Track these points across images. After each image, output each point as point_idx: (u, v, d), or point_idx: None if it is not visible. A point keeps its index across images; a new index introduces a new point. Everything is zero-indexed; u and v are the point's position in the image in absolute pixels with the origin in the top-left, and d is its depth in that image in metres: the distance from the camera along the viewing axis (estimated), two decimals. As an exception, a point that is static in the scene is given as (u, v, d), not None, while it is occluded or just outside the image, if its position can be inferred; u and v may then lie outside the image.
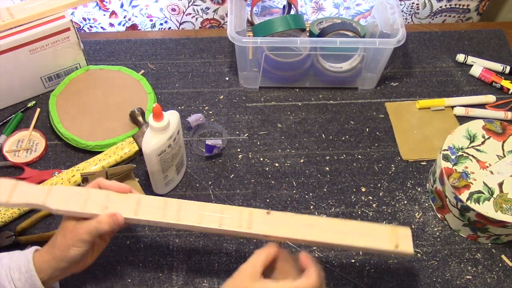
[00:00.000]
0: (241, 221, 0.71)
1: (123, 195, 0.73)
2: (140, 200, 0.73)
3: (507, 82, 1.09)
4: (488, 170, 0.86)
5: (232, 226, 0.70)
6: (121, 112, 1.00)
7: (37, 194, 0.71)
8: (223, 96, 1.07)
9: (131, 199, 0.73)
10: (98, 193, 0.72)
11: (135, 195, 0.73)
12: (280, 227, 0.71)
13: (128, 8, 1.20)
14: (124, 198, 0.73)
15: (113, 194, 0.73)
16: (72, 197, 0.71)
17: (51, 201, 0.70)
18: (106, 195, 0.72)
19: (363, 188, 0.95)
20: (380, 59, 1.03)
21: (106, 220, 0.69)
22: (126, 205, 0.72)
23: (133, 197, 0.73)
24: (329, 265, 0.85)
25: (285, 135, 1.02)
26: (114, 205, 0.72)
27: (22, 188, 0.71)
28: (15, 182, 0.71)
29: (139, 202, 0.73)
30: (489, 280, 0.85)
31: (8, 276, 0.68)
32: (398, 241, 0.72)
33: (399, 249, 0.71)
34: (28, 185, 0.72)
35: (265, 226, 0.70)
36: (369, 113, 1.06)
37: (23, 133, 0.99)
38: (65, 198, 0.71)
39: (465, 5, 1.25)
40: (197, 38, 1.18)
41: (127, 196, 0.73)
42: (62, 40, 1.00)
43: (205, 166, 0.97)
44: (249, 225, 0.70)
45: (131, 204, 0.72)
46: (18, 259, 0.70)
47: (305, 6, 1.22)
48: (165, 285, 0.83)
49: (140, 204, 0.73)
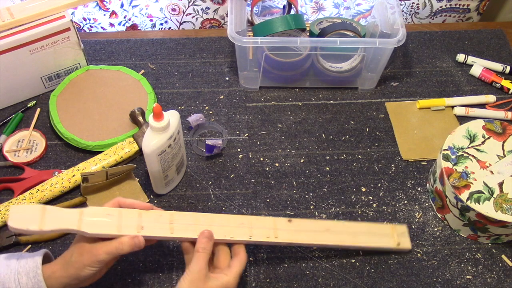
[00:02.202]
0: (268, 231, 0.77)
1: (154, 212, 0.74)
2: (173, 218, 0.75)
3: (507, 82, 1.09)
4: (488, 170, 0.86)
5: (261, 237, 0.77)
6: (121, 112, 1.00)
7: (69, 219, 0.70)
8: (223, 96, 1.07)
9: (164, 217, 0.74)
10: (130, 213, 0.73)
11: (166, 213, 0.75)
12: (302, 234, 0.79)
13: (128, 8, 1.20)
14: (156, 216, 0.74)
15: (145, 212, 0.74)
16: (104, 218, 0.71)
17: (86, 225, 0.70)
18: (138, 214, 0.73)
19: (363, 188, 0.95)
20: (380, 59, 1.03)
21: (128, 242, 0.69)
22: (160, 223, 0.73)
23: (165, 214, 0.75)
24: (329, 265, 0.85)
25: (285, 135, 1.02)
26: (149, 224, 0.73)
27: (52, 213, 0.70)
28: (43, 207, 0.70)
29: (172, 221, 0.74)
30: (489, 280, 0.85)
31: (16, 280, 0.68)
32: (398, 239, 0.83)
33: (400, 247, 0.82)
34: (56, 209, 0.71)
35: (289, 234, 0.78)
36: (369, 113, 1.06)
37: (23, 133, 0.99)
38: (98, 220, 0.71)
39: (465, 5, 1.25)
40: (197, 38, 1.18)
41: (159, 213, 0.75)
42: (62, 40, 1.00)
43: (205, 166, 0.97)
44: (276, 234, 0.78)
45: (164, 222, 0.74)
46: (27, 263, 0.70)
47: (305, 6, 1.22)
48: (165, 285, 0.83)
49: (174, 222, 0.74)
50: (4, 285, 0.68)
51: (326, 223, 0.82)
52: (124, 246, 0.69)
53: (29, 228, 0.67)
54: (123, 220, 0.72)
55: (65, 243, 0.86)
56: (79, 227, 0.69)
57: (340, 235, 0.81)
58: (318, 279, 0.84)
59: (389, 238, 0.84)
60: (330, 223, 0.82)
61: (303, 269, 0.85)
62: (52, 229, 0.68)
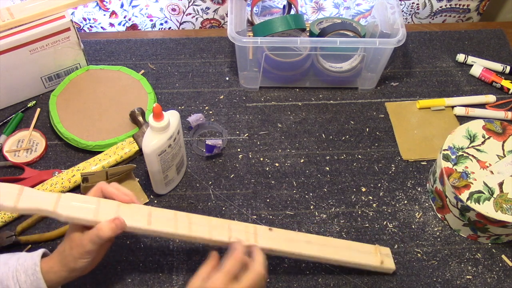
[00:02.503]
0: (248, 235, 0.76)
1: (133, 205, 0.73)
2: (151, 212, 0.74)
3: (507, 82, 1.09)
4: (488, 170, 0.86)
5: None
6: (121, 112, 1.00)
7: (45, 200, 0.69)
8: (223, 96, 1.07)
9: (142, 210, 0.74)
10: (109, 203, 0.72)
11: (145, 207, 0.74)
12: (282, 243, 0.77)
13: (128, 8, 1.20)
14: (135, 208, 0.73)
15: (124, 204, 0.73)
16: (81, 204, 0.70)
17: (61, 208, 0.69)
18: (117, 205, 0.72)
19: (363, 188, 0.95)
20: (380, 59, 1.03)
21: (108, 226, 0.68)
22: (138, 216, 0.72)
23: (144, 208, 0.74)
24: (329, 265, 0.85)
25: (285, 135, 1.02)
26: (126, 214, 0.71)
27: (29, 193, 0.69)
28: (21, 187, 0.69)
29: (150, 214, 0.73)
30: (489, 280, 0.85)
31: (14, 278, 0.68)
32: (382, 257, 0.83)
33: (384, 265, 0.82)
34: (34, 191, 0.70)
35: (269, 241, 0.76)
36: (369, 113, 1.06)
37: (23, 133, 0.99)
38: (75, 205, 0.70)
39: (465, 5, 1.25)
40: (197, 38, 1.18)
41: (138, 207, 0.74)
42: (62, 40, 1.00)
43: (205, 166, 0.97)
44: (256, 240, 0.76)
45: (143, 215, 0.73)
46: (25, 261, 0.70)
47: (305, 6, 1.22)
48: (165, 285, 0.83)
49: (152, 216, 0.73)
50: (3, 283, 0.68)
51: (307, 236, 0.81)
52: (104, 230, 0.68)
53: (3, 203, 0.66)
54: (101, 207, 0.71)
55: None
56: (55, 208, 0.68)
57: (321, 247, 0.79)
58: (318, 279, 0.84)
59: (373, 256, 0.82)
60: (312, 236, 0.81)
61: (303, 269, 0.85)
62: (26, 207, 0.67)
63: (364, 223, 0.90)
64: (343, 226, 0.90)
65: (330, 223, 0.90)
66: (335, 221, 0.91)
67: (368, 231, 0.89)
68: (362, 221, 0.91)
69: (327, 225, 0.90)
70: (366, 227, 0.90)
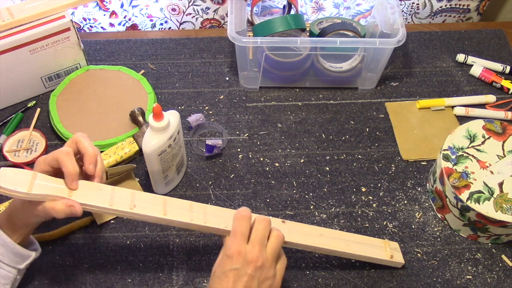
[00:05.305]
0: None
1: (148, 194, 0.74)
2: (166, 202, 0.74)
3: (507, 82, 1.09)
4: (488, 170, 0.86)
5: None
6: (121, 112, 1.00)
7: (59, 188, 0.69)
8: (223, 96, 1.07)
9: (158, 199, 0.74)
10: (123, 191, 0.73)
11: (160, 196, 0.74)
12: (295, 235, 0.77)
13: (128, 8, 1.20)
14: (150, 197, 0.74)
15: (139, 193, 0.73)
16: (96, 193, 0.71)
17: (76, 195, 0.69)
18: (132, 194, 0.73)
19: (363, 188, 0.95)
20: (380, 59, 1.03)
21: (63, 210, 0.68)
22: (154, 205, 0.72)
23: (159, 198, 0.74)
24: (329, 265, 0.85)
25: (285, 135, 1.02)
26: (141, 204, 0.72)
27: (43, 179, 0.68)
28: (34, 173, 0.68)
29: (166, 204, 0.73)
30: (489, 280, 0.85)
31: None
32: (391, 252, 0.83)
33: (393, 259, 0.82)
34: (48, 177, 0.69)
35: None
36: (369, 113, 1.06)
37: (23, 133, 0.99)
38: (90, 193, 0.70)
39: (465, 5, 1.25)
40: (197, 38, 1.18)
41: (153, 196, 0.74)
42: (62, 40, 1.00)
43: (205, 166, 0.97)
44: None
45: (158, 204, 0.73)
46: None
47: (305, 6, 1.22)
48: (165, 285, 0.83)
49: (167, 205, 0.73)
50: None
51: (319, 229, 0.81)
52: (58, 214, 0.68)
53: (17, 189, 0.66)
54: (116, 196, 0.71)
55: (65, 243, 0.86)
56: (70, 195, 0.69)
57: (333, 240, 0.80)
58: (318, 279, 0.84)
59: (382, 251, 0.83)
60: (324, 230, 0.81)
61: (303, 269, 0.85)
62: (40, 193, 0.67)
63: (364, 223, 0.90)
64: (343, 226, 0.90)
65: (330, 223, 0.90)
66: (335, 221, 0.91)
67: (368, 231, 0.89)
68: (362, 221, 0.91)
69: (327, 225, 0.90)
70: (366, 227, 0.90)
